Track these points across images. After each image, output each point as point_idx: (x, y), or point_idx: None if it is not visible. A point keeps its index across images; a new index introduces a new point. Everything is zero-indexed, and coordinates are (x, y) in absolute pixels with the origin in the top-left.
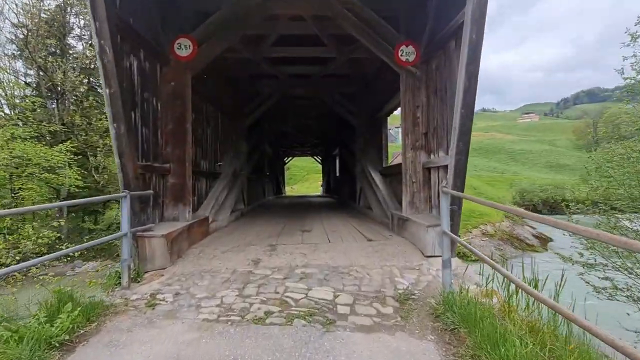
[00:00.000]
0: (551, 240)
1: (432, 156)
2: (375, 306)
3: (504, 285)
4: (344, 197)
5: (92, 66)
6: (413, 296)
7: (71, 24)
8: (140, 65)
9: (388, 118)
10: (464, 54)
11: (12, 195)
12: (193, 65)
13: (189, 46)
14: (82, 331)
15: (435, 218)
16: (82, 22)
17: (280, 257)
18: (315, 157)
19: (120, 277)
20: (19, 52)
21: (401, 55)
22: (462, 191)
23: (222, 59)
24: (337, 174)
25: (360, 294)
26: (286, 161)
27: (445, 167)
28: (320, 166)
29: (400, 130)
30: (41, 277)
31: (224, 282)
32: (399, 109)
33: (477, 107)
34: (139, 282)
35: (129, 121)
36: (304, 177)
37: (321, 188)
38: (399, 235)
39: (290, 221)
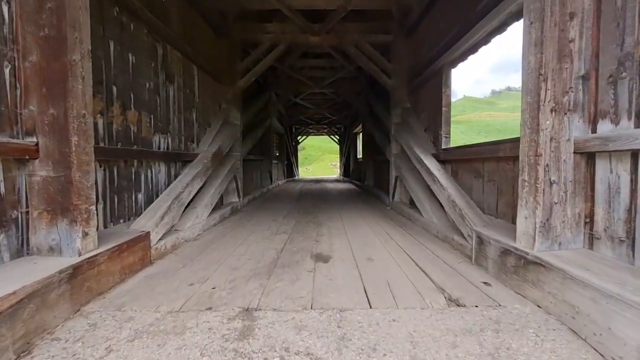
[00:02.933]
0: None
1: (602, 126)
2: None
3: None
4: (367, 185)
5: None
6: None
7: None
8: None
9: (452, 71)
10: None
11: None
12: None
13: None
14: None
15: (619, 269)
16: None
17: None
18: (332, 136)
19: None
20: None
21: None
22: None
23: None
24: (359, 156)
25: None
26: (299, 140)
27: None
28: (336, 146)
29: (522, 75)
30: None
31: None
32: (481, 49)
33: (502, 86)
34: None
35: None
36: (320, 157)
37: (338, 171)
38: (509, 285)
39: (297, 227)
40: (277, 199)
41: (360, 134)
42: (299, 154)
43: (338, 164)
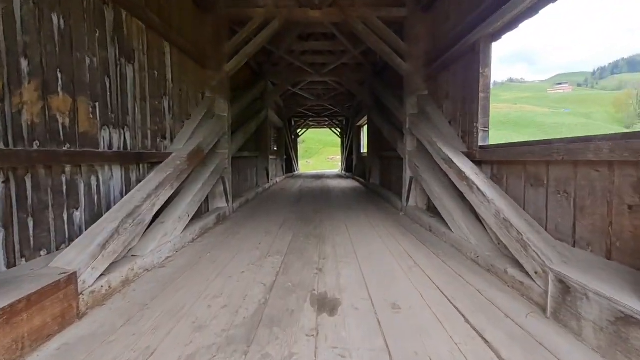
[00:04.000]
0: None
1: None
2: None
3: None
4: (373, 184)
5: None
6: None
7: None
8: None
9: (494, 45)
10: None
11: None
12: None
13: None
14: None
15: None
16: None
17: None
18: (333, 129)
19: None
20: None
21: None
22: None
23: None
24: (363, 151)
25: None
26: (299, 133)
27: None
28: (337, 139)
29: None
30: None
31: None
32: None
33: (504, 77)
34: None
35: None
36: (320, 150)
37: (339, 165)
38: None
39: (295, 245)
40: (274, 201)
41: (364, 127)
42: (299, 147)
43: (335, 157)
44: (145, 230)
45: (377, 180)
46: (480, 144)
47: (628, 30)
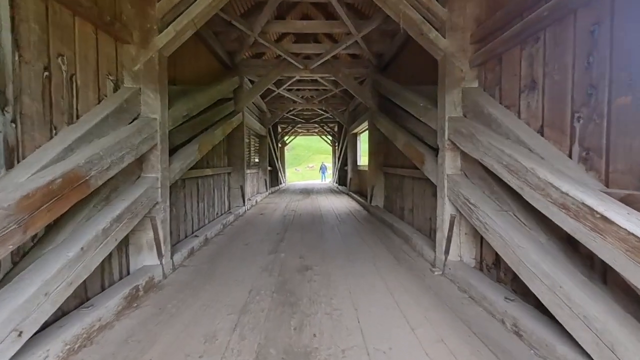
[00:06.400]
0: None
1: None
2: None
3: None
4: (376, 207)
5: None
6: None
7: None
8: None
9: None
10: None
11: None
12: None
13: None
14: None
15: None
16: None
17: None
18: (324, 136)
19: None
20: None
21: None
22: None
23: None
24: (361, 163)
25: None
26: (287, 141)
27: None
28: (327, 146)
29: None
30: None
31: None
32: None
33: None
34: None
35: None
36: (310, 157)
37: (330, 176)
38: None
39: None
40: (245, 239)
41: (362, 134)
42: (288, 154)
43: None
44: None
45: (380, 202)
46: None
47: None
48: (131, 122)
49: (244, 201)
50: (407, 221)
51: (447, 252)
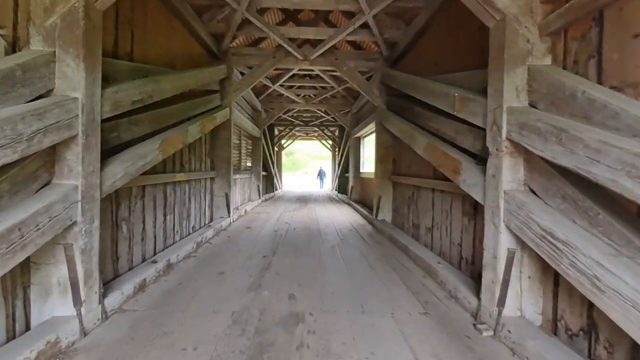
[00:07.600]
0: None
1: None
2: None
3: None
4: (383, 221)
5: None
6: None
7: None
8: None
9: None
10: None
11: None
12: None
13: None
14: None
15: None
16: None
17: None
18: (324, 141)
19: None
20: None
21: None
22: None
23: None
24: (365, 170)
25: None
26: (284, 145)
27: None
28: (327, 152)
29: None
30: None
31: None
32: None
33: None
34: None
35: None
36: (309, 163)
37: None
38: None
39: None
40: (220, 265)
41: (367, 138)
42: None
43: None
44: None
45: (388, 216)
46: None
47: None
48: (34, 99)
49: (229, 212)
50: (423, 242)
51: (502, 303)
